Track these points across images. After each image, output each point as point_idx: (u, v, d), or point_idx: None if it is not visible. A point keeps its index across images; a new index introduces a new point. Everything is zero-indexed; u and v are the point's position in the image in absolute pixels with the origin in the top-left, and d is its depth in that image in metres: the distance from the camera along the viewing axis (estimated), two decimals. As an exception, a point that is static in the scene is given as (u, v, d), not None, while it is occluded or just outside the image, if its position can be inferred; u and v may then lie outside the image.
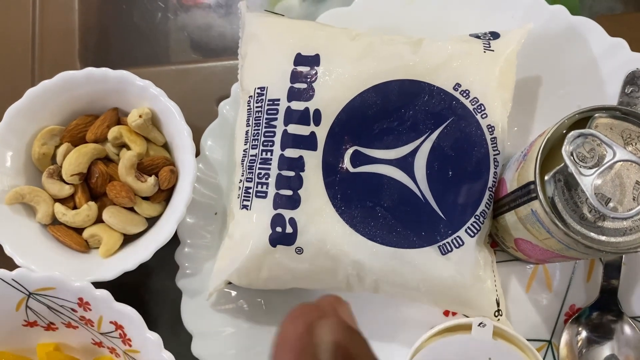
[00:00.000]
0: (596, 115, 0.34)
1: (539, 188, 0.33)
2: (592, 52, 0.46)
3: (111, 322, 0.42)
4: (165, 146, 0.47)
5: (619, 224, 0.33)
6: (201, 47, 0.56)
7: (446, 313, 0.45)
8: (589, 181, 0.32)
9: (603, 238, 0.33)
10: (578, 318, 0.44)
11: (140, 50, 0.56)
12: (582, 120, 0.35)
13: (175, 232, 0.45)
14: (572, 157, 0.33)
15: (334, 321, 0.26)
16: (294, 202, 0.40)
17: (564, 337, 0.43)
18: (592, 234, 0.33)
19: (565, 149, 0.32)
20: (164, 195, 0.46)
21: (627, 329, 0.42)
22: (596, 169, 0.32)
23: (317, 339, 0.25)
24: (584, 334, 0.43)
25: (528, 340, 0.44)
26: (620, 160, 0.32)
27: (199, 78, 0.52)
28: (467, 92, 0.40)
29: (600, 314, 0.43)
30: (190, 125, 0.45)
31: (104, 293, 0.41)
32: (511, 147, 0.44)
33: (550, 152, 0.35)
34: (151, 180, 0.44)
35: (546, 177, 0.34)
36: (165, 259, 0.46)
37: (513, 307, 0.45)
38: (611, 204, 0.33)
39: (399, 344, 0.44)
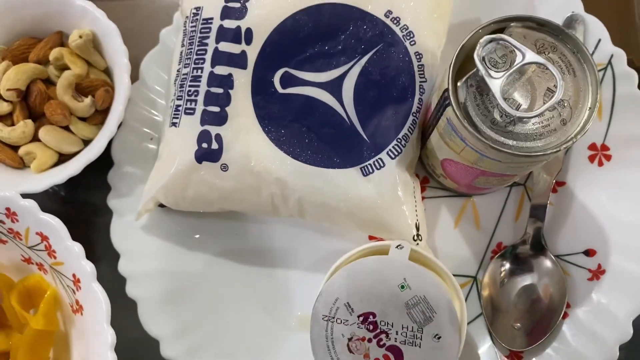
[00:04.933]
0: (512, 25, 0.35)
1: (451, 94, 0.34)
2: (530, -5, 0.46)
3: (37, 234, 0.42)
4: (107, 72, 0.48)
5: (529, 128, 0.34)
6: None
7: (372, 239, 0.45)
8: (498, 83, 0.33)
9: (513, 142, 0.34)
10: (503, 254, 0.44)
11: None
12: (497, 30, 0.35)
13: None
14: (483, 62, 0.33)
15: None
16: (221, 119, 0.40)
17: (489, 270, 0.44)
18: (503, 139, 0.33)
19: (477, 53, 0.33)
20: (101, 117, 0.46)
21: (549, 263, 0.43)
22: (505, 71, 0.33)
23: None
24: (507, 266, 0.43)
25: (454, 275, 0.45)
26: (529, 63, 0.33)
27: (148, 12, 0.53)
28: (397, 19, 0.41)
29: (525, 251, 0.44)
30: (136, 58, 0.45)
31: (31, 202, 0.41)
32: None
33: (466, 63, 0.35)
34: (87, 100, 0.45)
35: (459, 83, 0.34)
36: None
37: (441, 242, 0.45)
38: (522, 110, 0.34)
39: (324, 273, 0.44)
